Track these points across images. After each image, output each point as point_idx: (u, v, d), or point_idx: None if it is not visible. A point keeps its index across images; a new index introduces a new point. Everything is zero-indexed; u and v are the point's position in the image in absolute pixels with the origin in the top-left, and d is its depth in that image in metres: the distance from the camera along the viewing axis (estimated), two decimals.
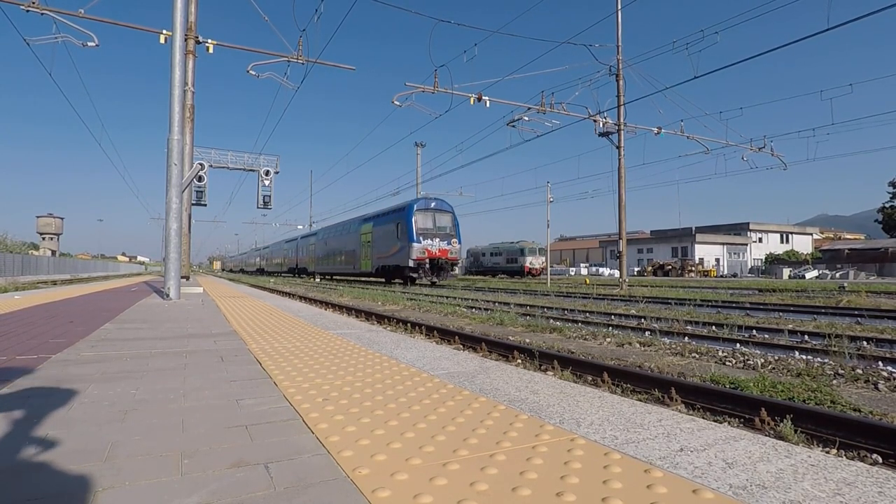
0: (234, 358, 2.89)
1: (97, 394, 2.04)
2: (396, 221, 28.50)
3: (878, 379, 4.53)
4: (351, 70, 17.02)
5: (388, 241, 29.25)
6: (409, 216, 27.28)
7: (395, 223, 28.55)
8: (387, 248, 29.53)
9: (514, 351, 6.03)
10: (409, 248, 26.45)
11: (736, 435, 1.59)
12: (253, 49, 15.03)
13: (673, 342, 6.60)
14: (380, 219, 31.62)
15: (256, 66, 15.14)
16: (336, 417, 1.73)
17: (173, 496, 1.13)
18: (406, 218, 27.40)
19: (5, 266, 39.24)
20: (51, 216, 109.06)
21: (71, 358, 2.82)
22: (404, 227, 27.41)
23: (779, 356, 5.60)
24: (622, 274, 21.14)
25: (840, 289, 19.31)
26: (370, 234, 32.40)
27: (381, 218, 31.42)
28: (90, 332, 3.96)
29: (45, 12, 12.64)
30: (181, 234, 7.95)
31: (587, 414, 1.82)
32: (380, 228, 31.06)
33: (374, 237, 31.55)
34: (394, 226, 28.77)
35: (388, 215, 30.29)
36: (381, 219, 31.45)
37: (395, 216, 28.92)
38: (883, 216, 62.70)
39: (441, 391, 2.12)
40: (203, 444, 1.47)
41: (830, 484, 1.21)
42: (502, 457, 1.38)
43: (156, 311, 5.97)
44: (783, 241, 65.38)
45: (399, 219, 28.22)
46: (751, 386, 4.18)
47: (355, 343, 3.47)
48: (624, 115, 21.05)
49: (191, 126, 13.55)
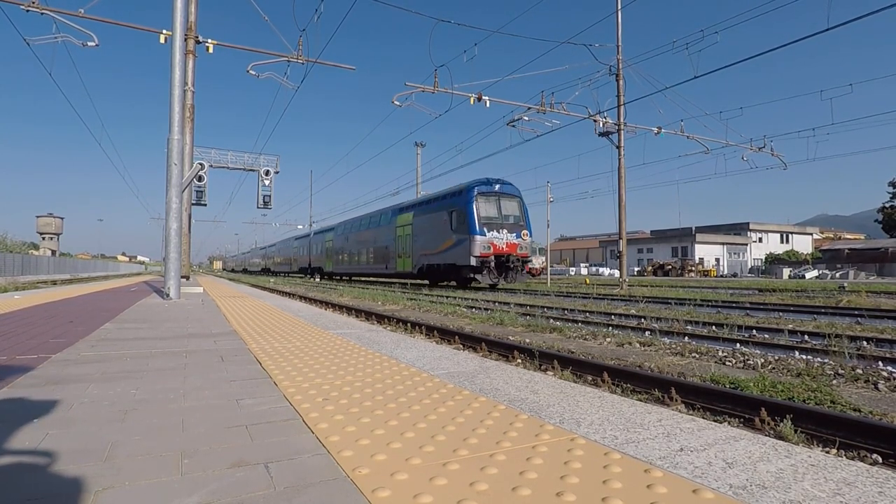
0: (234, 358, 2.89)
1: (97, 394, 2.04)
2: (451, 209, 22.34)
3: (878, 379, 4.52)
4: (351, 70, 17.02)
5: (438, 234, 23.18)
6: (468, 202, 21.10)
7: (449, 211, 22.40)
8: (435, 243, 23.43)
9: (514, 351, 6.03)
10: (471, 241, 20.44)
11: (736, 435, 1.59)
12: (253, 49, 15.03)
13: (673, 342, 6.60)
14: (425, 207, 25.43)
15: (256, 66, 15.15)
16: (336, 417, 1.73)
17: (173, 496, 1.13)
18: (465, 204, 21.24)
19: (5, 266, 39.24)
20: (51, 216, 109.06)
21: (71, 358, 2.82)
22: (462, 215, 21.26)
23: (779, 356, 5.59)
24: (622, 274, 21.14)
25: (840, 289, 19.31)
26: (409, 227, 26.33)
27: (427, 206, 25.12)
28: (90, 331, 3.96)
29: (45, 12, 12.64)
30: (181, 234, 7.95)
31: (587, 414, 1.82)
32: (424, 218, 24.89)
33: (417, 229, 25.47)
34: (446, 214, 22.65)
35: (438, 202, 24.05)
36: (426, 207, 25.27)
37: (449, 202, 22.75)
38: (883, 216, 62.71)
39: (441, 391, 2.12)
40: (203, 444, 1.47)
41: (830, 484, 1.21)
42: (502, 457, 1.38)
43: (156, 310, 5.97)
44: (783, 241, 65.38)
45: (454, 205, 22.14)
46: (751, 386, 4.18)
47: (355, 343, 3.47)
48: (624, 115, 21.05)
49: (191, 126, 13.55)
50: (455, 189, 23.19)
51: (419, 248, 25.09)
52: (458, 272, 21.99)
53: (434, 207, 24.27)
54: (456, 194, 22.68)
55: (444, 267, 22.91)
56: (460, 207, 21.70)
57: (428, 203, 25.38)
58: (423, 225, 25.03)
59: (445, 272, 23.27)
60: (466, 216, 21.02)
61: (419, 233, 25.25)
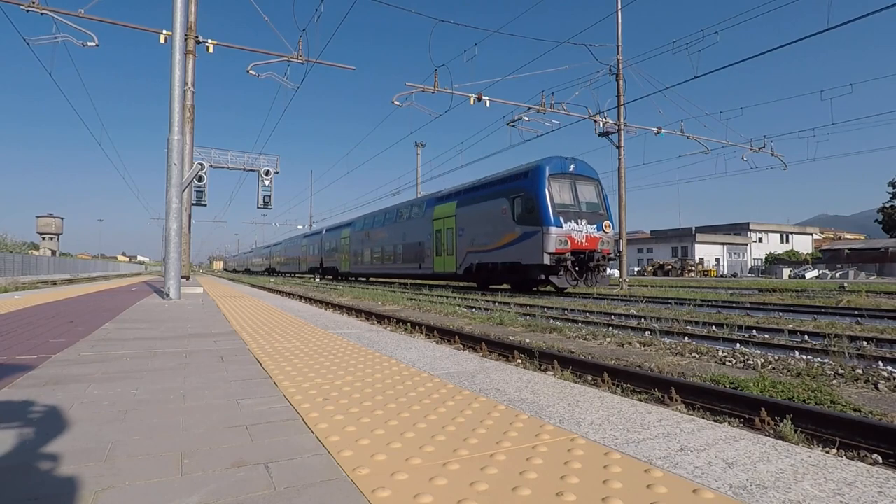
0: (234, 358, 2.89)
1: (97, 393, 2.04)
2: (513, 195, 18.03)
3: (878, 379, 4.52)
4: (351, 70, 17.04)
5: (494, 227, 18.81)
6: (539, 185, 16.84)
7: (510, 198, 18.10)
8: (489, 238, 19.07)
9: (514, 351, 6.03)
10: (544, 235, 16.23)
11: (736, 435, 1.59)
12: (253, 49, 15.05)
13: (673, 342, 6.60)
14: (473, 194, 20.73)
15: (256, 66, 15.16)
16: (336, 417, 1.73)
17: (173, 496, 1.13)
18: (535, 188, 16.95)
19: (5, 266, 39.24)
20: (51, 216, 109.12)
21: (71, 358, 2.82)
22: (531, 202, 16.98)
23: (779, 356, 5.59)
24: (622, 274, 21.14)
25: (840, 289, 19.31)
26: (452, 219, 21.66)
27: (477, 193, 20.50)
28: (90, 331, 3.96)
29: (45, 12, 12.65)
30: (181, 234, 7.95)
31: (587, 414, 1.82)
32: (473, 209, 20.29)
33: (463, 222, 20.87)
34: (505, 202, 18.32)
35: (492, 188, 19.52)
36: (475, 194, 20.63)
37: (510, 187, 18.37)
38: (883, 216, 62.71)
39: (441, 391, 2.12)
40: (203, 444, 1.47)
41: (830, 484, 1.21)
42: (502, 457, 1.38)
43: (156, 310, 5.97)
44: (783, 241, 65.39)
45: (518, 190, 17.77)
46: (751, 386, 4.18)
47: (355, 343, 3.47)
48: (624, 115, 21.06)
49: (191, 126, 13.56)
50: (517, 171, 18.49)
51: (466, 243, 20.51)
52: (524, 273, 17.52)
53: (487, 194, 19.67)
54: (519, 177, 18.00)
55: (503, 266, 18.42)
56: (528, 192, 17.18)
57: (477, 190, 20.61)
58: (471, 216, 20.37)
59: (504, 273, 18.70)
60: (537, 203, 16.69)
61: (466, 226, 20.59)
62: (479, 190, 20.53)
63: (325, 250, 40.87)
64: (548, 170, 17.10)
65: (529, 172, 17.57)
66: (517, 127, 20.58)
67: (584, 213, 17.19)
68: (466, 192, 21.46)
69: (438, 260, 22.94)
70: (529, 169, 17.70)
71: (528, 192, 17.29)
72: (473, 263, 20.06)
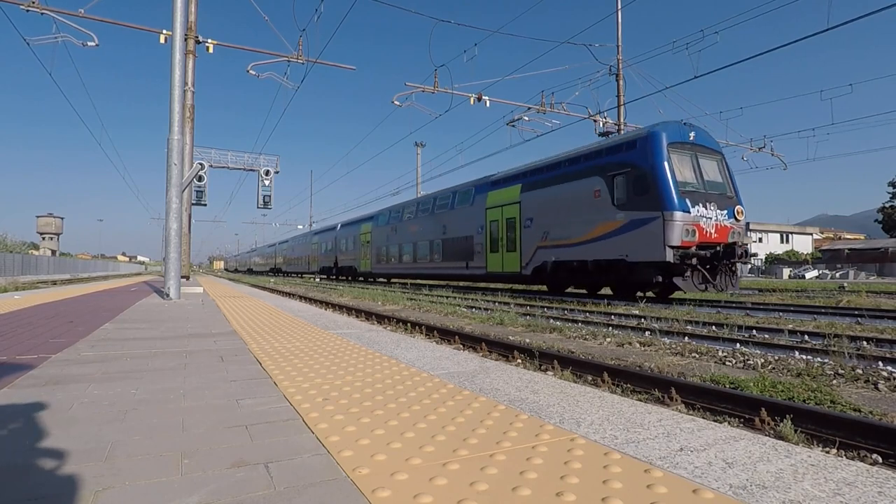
0: (234, 358, 2.89)
1: (97, 393, 2.04)
2: (613, 171, 13.53)
3: (878, 379, 4.52)
4: (351, 70, 17.06)
5: (582, 214, 14.38)
6: (656, 156, 12.54)
7: (609, 175, 13.61)
8: (574, 228, 14.65)
9: (514, 351, 6.03)
10: (665, 223, 12.09)
11: (736, 435, 1.59)
12: (253, 49, 15.06)
13: (673, 342, 6.60)
14: (549, 174, 16.08)
15: (256, 65, 15.18)
16: (336, 417, 1.73)
17: (173, 496, 1.13)
18: (650, 159, 12.62)
19: (5, 266, 39.25)
20: (51, 216, 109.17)
21: (71, 357, 2.82)
22: (645, 178, 12.69)
23: (779, 356, 5.59)
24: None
25: (840, 289, 19.31)
26: (515, 206, 17.30)
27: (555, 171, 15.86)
28: (90, 331, 3.96)
29: (45, 12, 12.65)
30: (181, 234, 7.95)
31: (587, 414, 1.82)
32: (549, 192, 15.81)
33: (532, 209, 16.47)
34: (601, 182, 13.83)
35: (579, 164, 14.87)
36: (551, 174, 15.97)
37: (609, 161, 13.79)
38: (883, 216, 62.72)
39: (441, 391, 2.12)
40: (203, 444, 1.47)
41: (830, 484, 1.21)
42: (502, 456, 1.38)
43: (156, 310, 5.97)
44: (783, 241, 65.37)
45: (622, 165, 13.33)
46: (751, 386, 4.18)
47: (355, 343, 3.47)
48: (624, 115, 21.06)
49: (191, 126, 13.56)
50: (617, 141, 14.02)
51: (535, 237, 16.20)
52: (630, 273, 13.19)
53: (569, 174, 15.10)
54: (622, 148, 13.48)
55: (595, 265, 14.04)
56: (638, 167, 12.76)
57: (553, 169, 15.97)
58: (543, 202, 15.98)
59: (596, 273, 14.23)
60: (654, 181, 12.32)
61: (537, 214, 16.20)
62: (555, 169, 15.88)
63: (341, 248, 36.71)
64: (664, 137, 12.57)
65: (639, 141, 12.99)
66: (517, 127, 20.61)
67: (711, 196, 12.71)
68: (536, 172, 16.82)
69: (493, 257, 18.48)
70: (639, 137, 13.14)
71: (638, 166, 12.77)
72: (547, 261, 15.67)
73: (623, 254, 13.11)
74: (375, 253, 29.67)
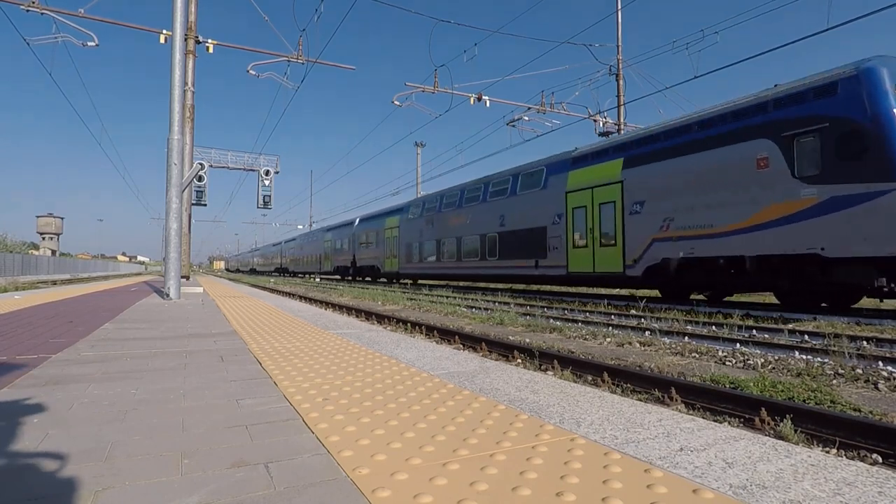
0: (234, 358, 2.89)
1: (97, 393, 2.04)
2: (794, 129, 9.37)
3: (878, 379, 4.52)
4: (351, 70, 17.07)
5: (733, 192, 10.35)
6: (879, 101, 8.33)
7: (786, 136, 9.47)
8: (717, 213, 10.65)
9: (514, 351, 6.03)
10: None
11: (736, 435, 1.59)
12: (253, 49, 15.07)
13: (673, 342, 6.60)
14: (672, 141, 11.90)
15: (256, 65, 15.18)
16: (336, 417, 1.73)
17: (173, 496, 1.13)
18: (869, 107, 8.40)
19: (5, 266, 39.25)
20: (51, 216, 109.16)
21: (71, 357, 2.82)
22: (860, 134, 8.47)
23: (779, 356, 5.59)
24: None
25: None
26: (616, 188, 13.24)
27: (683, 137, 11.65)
28: (90, 331, 3.96)
29: (45, 12, 12.65)
30: (181, 234, 7.95)
31: (587, 414, 1.82)
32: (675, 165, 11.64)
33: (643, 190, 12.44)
34: (768, 146, 9.75)
35: (726, 124, 10.67)
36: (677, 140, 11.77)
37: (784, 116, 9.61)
38: None
39: (441, 391, 2.12)
40: (203, 444, 1.47)
41: (830, 484, 1.21)
42: (502, 456, 1.38)
43: (156, 310, 5.97)
44: None
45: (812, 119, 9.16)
46: (751, 386, 4.18)
47: (355, 343, 3.47)
48: (624, 115, 21.07)
49: (191, 126, 13.56)
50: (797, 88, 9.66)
51: (649, 227, 12.26)
52: (824, 273, 9.43)
53: (711, 137, 10.95)
54: (810, 95, 9.36)
55: (758, 262, 10.15)
56: (847, 119, 8.73)
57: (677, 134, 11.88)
58: (664, 179, 11.91)
59: (756, 274, 10.35)
60: (879, 136, 8.32)
61: (656, 195, 12.11)
62: (682, 134, 11.72)
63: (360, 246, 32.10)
64: (888, 76, 8.57)
65: (843, 84, 8.90)
66: (517, 127, 20.63)
67: None
68: (649, 141, 12.65)
69: (579, 254, 14.46)
70: (841, 77, 8.96)
71: (844, 119, 8.79)
72: (670, 258, 11.71)
73: (815, 246, 9.20)
74: (405, 250, 25.40)
